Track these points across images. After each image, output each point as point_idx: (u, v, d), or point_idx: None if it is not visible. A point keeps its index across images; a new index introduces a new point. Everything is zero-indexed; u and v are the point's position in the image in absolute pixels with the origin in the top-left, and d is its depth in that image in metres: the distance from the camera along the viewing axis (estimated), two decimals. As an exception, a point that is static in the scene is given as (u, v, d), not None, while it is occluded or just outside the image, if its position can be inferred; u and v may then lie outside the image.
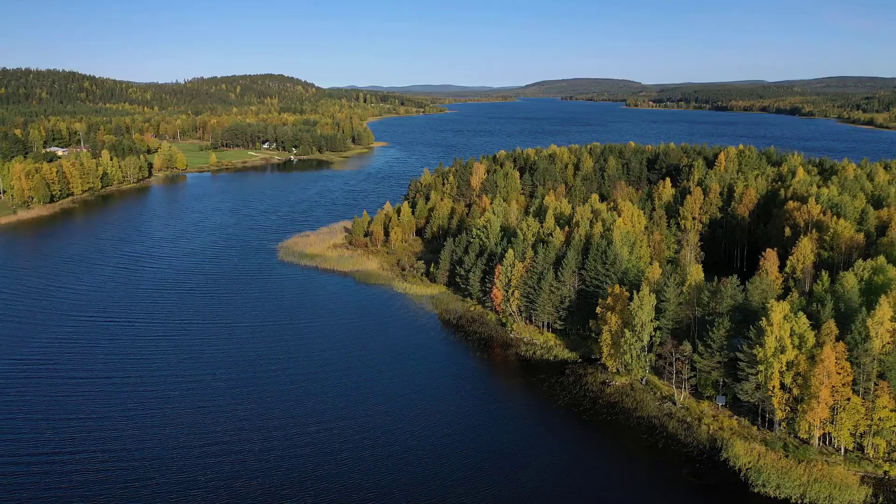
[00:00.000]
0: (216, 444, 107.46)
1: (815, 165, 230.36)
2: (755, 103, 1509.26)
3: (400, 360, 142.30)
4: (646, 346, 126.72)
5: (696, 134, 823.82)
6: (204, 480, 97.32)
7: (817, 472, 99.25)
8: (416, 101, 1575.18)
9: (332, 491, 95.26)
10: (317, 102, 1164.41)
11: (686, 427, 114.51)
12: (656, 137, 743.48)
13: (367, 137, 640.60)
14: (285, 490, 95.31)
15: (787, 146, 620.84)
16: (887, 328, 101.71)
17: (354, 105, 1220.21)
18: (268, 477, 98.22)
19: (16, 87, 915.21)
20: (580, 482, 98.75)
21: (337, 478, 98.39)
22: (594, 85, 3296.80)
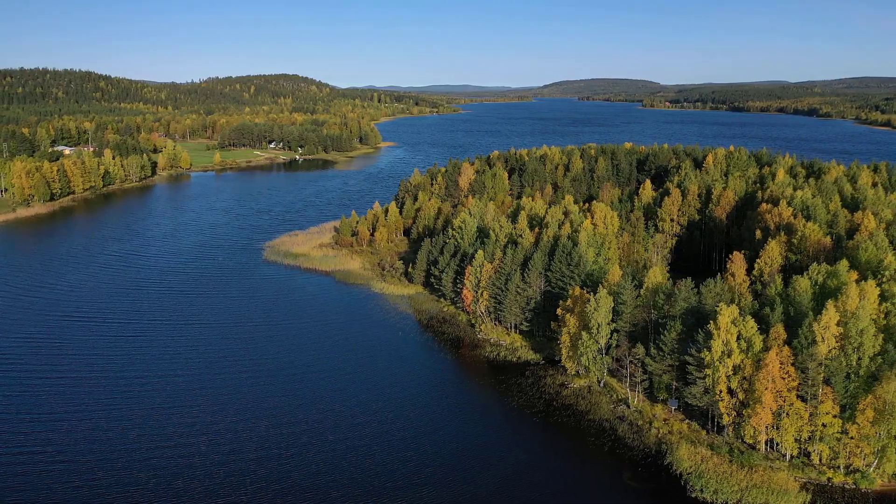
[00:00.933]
0: (164, 443, 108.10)
1: (804, 167, 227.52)
2: (772, 104, 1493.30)
3: (365, 361, 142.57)
4: (603, 348, 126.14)
5: (708, 135, 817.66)
6: (145, 479, 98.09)
7: (758, 477, 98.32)
8: (431, 102, 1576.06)
9: (269, 492, 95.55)
10: (330, 102, 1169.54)
11: (636, 430, 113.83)
12: (666, 138, 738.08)
13: (375, 137, 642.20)
14: (225, 489, 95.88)
15: (797, 148, 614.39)
16: (833, 333, 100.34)
17: (367, 105, 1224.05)
18: (209, 476, 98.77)
19: (32, 86, 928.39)
20: (522, 486, 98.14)
21: (275, 477, 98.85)
22: (612, 85, 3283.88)
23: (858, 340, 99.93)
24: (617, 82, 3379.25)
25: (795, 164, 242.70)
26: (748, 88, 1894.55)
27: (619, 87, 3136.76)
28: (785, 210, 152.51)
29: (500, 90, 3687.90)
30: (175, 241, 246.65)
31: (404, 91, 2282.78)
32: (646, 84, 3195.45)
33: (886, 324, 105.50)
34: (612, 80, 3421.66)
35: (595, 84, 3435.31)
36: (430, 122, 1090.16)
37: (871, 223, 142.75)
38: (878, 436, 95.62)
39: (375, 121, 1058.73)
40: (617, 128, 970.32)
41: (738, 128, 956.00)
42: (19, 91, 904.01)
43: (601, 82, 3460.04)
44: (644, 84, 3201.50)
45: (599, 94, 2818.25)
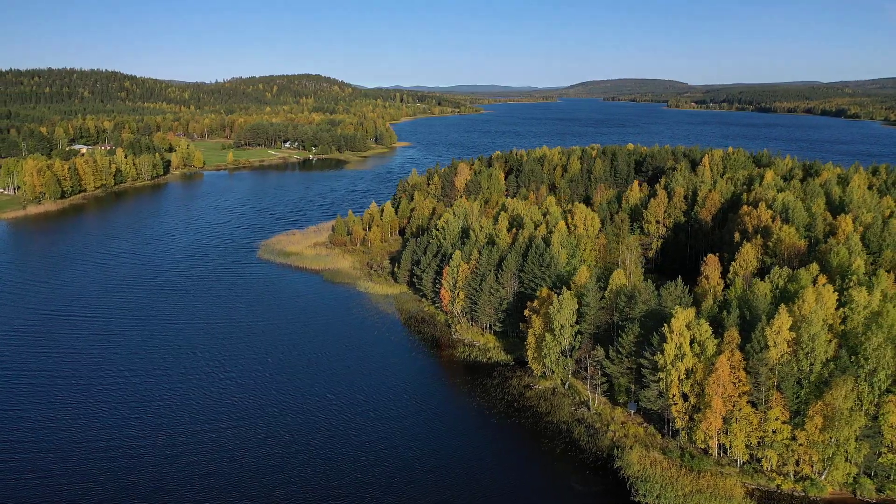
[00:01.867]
0: (116, 437, 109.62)
1: (802, 169, 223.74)
2: (800, 105, 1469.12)
3: (336, 359, 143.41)
4: (566, 349, 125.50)
5: (729, 136, 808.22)
6: (97, 473, 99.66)
7: (704, 482, 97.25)
8: (453, 102, 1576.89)
9: (215, 488, 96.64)
10: (351, 102, 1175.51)
11: (593, 433, 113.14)
12: (685, 139, 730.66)
13: (390, 137, 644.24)
14: (173, 485, 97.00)
15: (818, 150, 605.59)
16: (785, 337, 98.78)
17: (389, 105, 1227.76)
18: (160, 472, 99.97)
19: (59, 86, 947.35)
20: (465, 488, 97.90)
21: (220, 475, 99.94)
22: (639, 85, 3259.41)
23: (810, 346, 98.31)
24: (644, 82, 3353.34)
25: (796, 165, 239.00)
26: (776, 89, 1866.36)
27: (645, 88, 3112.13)
28: (764, 213, 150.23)
29: (526, 90, 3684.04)
30: (172, 240, 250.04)
31: (430, 91, 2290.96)
32: (673, 84, 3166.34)
33: (843, 329, 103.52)
34: (639, 81, 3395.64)
35: (622, 84, 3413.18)
36: (451, 122, 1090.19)
37: (849, 226, 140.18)
38: (826, 443, 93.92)
39: (396, 121, 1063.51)
40: (638, 128, 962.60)
41: (761, 129, 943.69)
42: (46, 91, 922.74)
43: (628, 82, 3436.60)
44: (671, 84, 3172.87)
45: (625, 95, 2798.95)
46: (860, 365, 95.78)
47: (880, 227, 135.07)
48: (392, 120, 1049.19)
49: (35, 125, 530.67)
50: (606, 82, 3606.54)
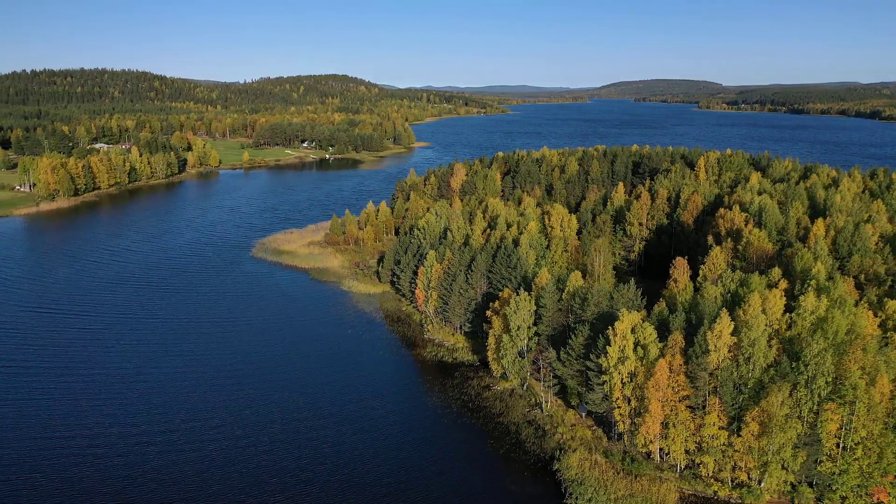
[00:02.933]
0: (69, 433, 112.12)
1: (801, 172, 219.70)
2: (833, 106, 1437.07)
3: (304, 356, 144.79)
4: (524, 350, 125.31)
5: (754, 138, 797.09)
6: (46, 466, 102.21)
7: (639, 487, 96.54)
8: (480, 102, 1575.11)
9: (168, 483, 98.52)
10: (376, 103, 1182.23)
11: (541, 435, 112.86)
12: (709, 141, 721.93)
13: (408, 138, 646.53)
14: (139, 477, 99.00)
15: (845, 153, 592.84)
16: (726, 342, 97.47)
17: (414, 105, 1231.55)
18: (122, 465, 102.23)
19: (91, 86, 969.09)
20: (400, 487, 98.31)
21: (174, 467, 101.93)
22: (672, 86, 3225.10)
23: (749, 351, 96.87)
24: (677, 83, 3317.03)
25: (795, 167, 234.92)
26: (811, 90, 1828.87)
27: (678, 88, 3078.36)
28: (738, 216, 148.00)
29: (557, 91, 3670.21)
30: (171, 238, 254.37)
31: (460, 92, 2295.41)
32: (707, 85, 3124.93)
33: (788, 335, 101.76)
34: (672, 81, 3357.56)
35: (654, 85, 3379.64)
36: (475, 122, 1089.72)
37: (821, 231, 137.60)
38: (762, 450, 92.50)
39: (420, 121, 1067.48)
40: (664, 130, 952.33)
41: (789, 131, 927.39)
42: (78, 90, 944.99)
43: (660, 83, 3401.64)
44: (705, 85, 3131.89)
45: (657, 95, 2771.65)
46: (800, 371, 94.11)
47: (851, 232, 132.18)
48: (416, 120, 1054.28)
49: (58, 124, 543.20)
50: (639, 83, 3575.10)
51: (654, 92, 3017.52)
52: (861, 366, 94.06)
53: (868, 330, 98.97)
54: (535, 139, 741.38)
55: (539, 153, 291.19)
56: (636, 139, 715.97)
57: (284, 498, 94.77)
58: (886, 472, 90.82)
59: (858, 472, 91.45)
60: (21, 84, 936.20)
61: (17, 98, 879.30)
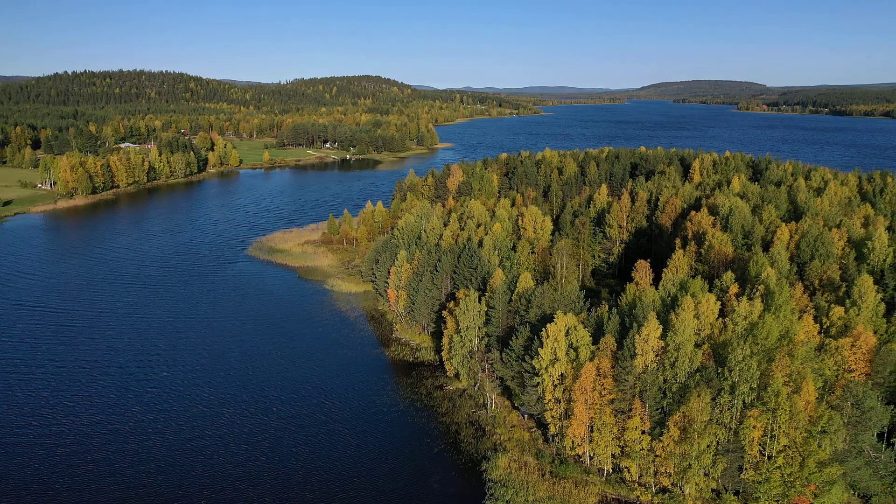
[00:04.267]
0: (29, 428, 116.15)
1: (802, 174, 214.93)
2: (878, 108, 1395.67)
3: (262, 355, 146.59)
4: (474, 351, 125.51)
5: (786, 140, 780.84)
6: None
7: (560, 489, 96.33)
8: (514, 103, 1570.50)
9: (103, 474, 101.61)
10: (408, 104, 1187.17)
11: (480, 435, 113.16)
12: (740, 143, 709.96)
13: (431, 139, 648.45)
14: (88, 467, 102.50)
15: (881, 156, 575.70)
16: (653, 346, 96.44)
17: (445, 106, 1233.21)
18: (73, 457, 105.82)
19: (129, 87, 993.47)
20: (325, 484, 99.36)
21: (110, 460, 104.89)
22: (713, 87, 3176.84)
23: (675, 355, 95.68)
24: (718, 84, 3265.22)
25: (797, 170, 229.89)
26: (855, 91, 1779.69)
27: (720, 89, 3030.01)
28: (705, 219, 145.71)
29: (596, 92, 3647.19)
30: (171, 236, 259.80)
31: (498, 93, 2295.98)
32: (749, 86, 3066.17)
33: (722, 339, 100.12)
34: (713, 82, 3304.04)
35: (695, 86, 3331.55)
36: (505, 124, 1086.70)
37: (785, 235, 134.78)
38: (682, 455, 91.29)
39: (450, 122, 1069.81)
40: (698, 132, 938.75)
41: (826, 133, 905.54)
42: (116, 91, 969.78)
43: (701, 84, 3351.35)
44: (748, 86, 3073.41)
45: (697, 97, 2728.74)
46: (724, 377, 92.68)
47: (814, 237, 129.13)
48: (446, 121, 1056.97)
49: (91, 124, 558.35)
50: (679, 84, 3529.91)
51: (695, 93, 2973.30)
52: (787, 373, 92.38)
53: (801, 336, 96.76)
54: (561, 141, 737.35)
55: (540, 154, 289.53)
56: (664, 141, 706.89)
57: (216, 490, 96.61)
58: (808, 482, 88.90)
59: (780, 480, 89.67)
60: (62, 85, 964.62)
61: (57, 99, 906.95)
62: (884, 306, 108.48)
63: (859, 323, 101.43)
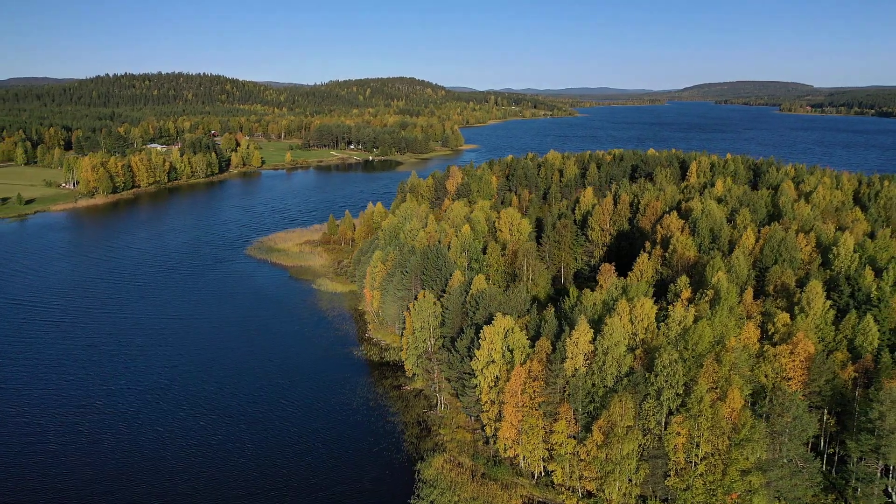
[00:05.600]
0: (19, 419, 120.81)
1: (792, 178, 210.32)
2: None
3: (238, 351, 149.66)
4: (429, 351, 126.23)
5: (825, 143, 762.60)
6: None
7: (485, 490, 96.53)
8: (549, 105, 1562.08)
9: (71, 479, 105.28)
10: (441, 105, 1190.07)
11: (424, 436, 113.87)
12: (773, 146, 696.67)
13: (456, 140, 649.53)
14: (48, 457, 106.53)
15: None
16: (583, 350, 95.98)
17: (478, 108, 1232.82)
18: None
19: (167, 89, 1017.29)
20: (259, 481, 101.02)
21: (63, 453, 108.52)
22: (757, 88, 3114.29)
23: (602, 359, 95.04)
24: (764, 85, 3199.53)
25: (801, 172, 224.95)
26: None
27: (765, 90, 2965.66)
28: (675, 222, 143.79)
29: (637, 93, 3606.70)
30: (174, 236, 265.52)
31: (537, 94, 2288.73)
32: (795, 87, 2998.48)
33: (655, 343, 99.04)
34: (758, 83, 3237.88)
35: (738, 87, 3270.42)
36: (537, 125, 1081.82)
37: (751, 240, 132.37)
38: (604, 460, 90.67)
39: (482, 123, 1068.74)
40: (734, 134, 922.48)
41: (867, 135, 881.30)
42: (155, 93, 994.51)
43: (745, 85, 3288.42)
44: (794, 87, 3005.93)
45: (740, 98, 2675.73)
46: (651, 382, 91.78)
47: (778, 242, 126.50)
48: (477, 123, 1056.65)
49: (124, 125, 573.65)
50: (722, 84, 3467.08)
51: (739, 94, 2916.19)
52: (714, 379, 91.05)
53: (732, 342, 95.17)
54: (588, 142, 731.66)
55: (545, 157, 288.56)
56: (694, 143, 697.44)
57: (150, 486, 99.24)
58: (730, 490, 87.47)
59: (703, 488, 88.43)
60: (103, 87, 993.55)
61: (98, 101, 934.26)
62: (833, 313, 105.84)
63: (799, 330, 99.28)
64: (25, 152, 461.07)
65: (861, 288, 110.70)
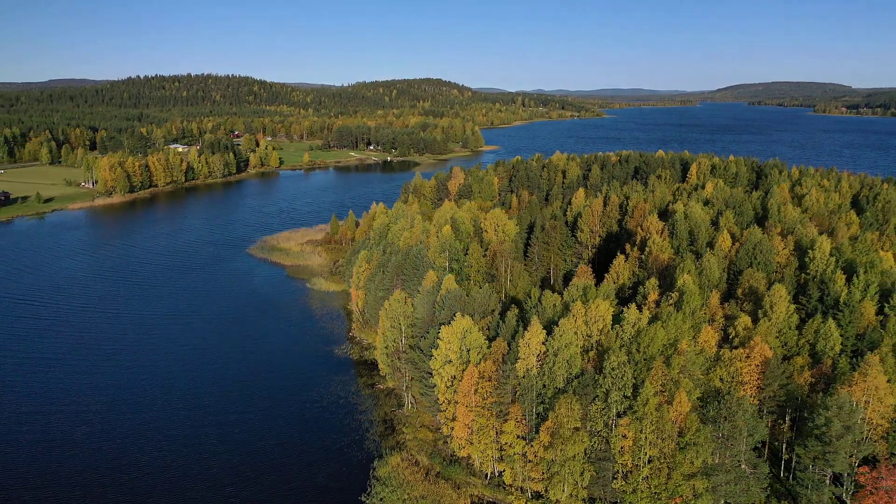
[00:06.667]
0: None
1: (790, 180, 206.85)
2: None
3: (219, 348, 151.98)
4: (399, 350, 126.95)
5: (855, 145, 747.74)
6: None
7: (434, 489, 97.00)
8: (577, 106, 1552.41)
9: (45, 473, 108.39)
10: (466, 106, 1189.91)
11: (388, 434, 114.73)
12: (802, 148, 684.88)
13: (476, 141, 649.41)
14: None
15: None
16: (534, 350, 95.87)
17: (504, 109, 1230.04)
18: None
19: (196, 90, 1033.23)
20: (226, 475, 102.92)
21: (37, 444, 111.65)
22: (793, 89, 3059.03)
23: (553, 360, 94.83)
24: (800, 86, 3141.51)
25: (806, 175, 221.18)
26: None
27: (800, 91, 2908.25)
28: (654, 224, 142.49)
29: (669, 94, 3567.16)
30: (179, 235, 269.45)
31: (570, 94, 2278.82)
32: (832, 87, 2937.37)
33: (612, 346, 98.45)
34: (793, 84, 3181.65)
35: (774, 88, 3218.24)
36: (561, 126, 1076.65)
37: (727, 242, 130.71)
38: (550, 461, 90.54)
39: (507, 125, 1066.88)
40: (762, 136, 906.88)
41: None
42: (184, 94, 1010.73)
43: (781, 86, 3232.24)
44: (830, 88, 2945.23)
45: (775, 99, 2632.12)
46: (599, 384, 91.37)
47: (753, 245, 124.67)
48: (502, 124, 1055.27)
49: (147, 125, 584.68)
50: (757, 85, 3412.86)
51: (774, 95, 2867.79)
52: (662, 382, 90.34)
53: (684, 345, 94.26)
54: (611, 144, 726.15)
55: (550, 158, 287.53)
56: (718, 145, 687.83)
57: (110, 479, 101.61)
58: (674, 494, 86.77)
59: (648, 492, 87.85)
60: (134, 89, 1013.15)
61: (129, 102, 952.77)
62: (796, 318, 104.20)
63: (757, 334, 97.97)
64: (50, 152, 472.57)
65: (829, 292, 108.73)
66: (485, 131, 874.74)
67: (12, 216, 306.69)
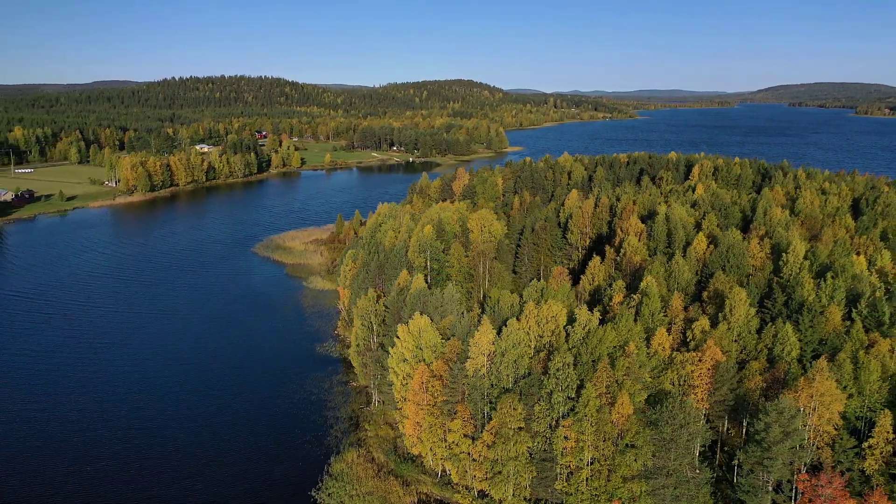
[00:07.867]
0: None
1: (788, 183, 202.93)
2: None
3: (205, 344, 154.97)
4: (370, 349, 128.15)
5: (891, 147, 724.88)
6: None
7: (382, 486, 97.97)
8: (609, 107, 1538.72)
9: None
10: (497, 107, 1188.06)
11: (351, 430, 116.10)
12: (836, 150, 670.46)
13: (500, 142, 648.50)
14: None
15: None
16: (483, 350, 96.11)
17: (535, 110, 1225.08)
18: None
19: (228, 91, 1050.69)
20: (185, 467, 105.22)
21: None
22: (836, 89, 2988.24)
23: (500, 360, 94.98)
24: (843, 86, 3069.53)
25: (816, 174, 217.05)
26: None
27: (842, 92, 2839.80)
28: (634, 226, 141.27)
29: (708, 95, 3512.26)
30: (188, 234, 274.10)
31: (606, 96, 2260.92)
32: (877, 88, 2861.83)
33: (557, 346, 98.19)
34: (836, 84, 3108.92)
35: (815, 88, 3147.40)
36: (591, 128, 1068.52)
37: (703, 244, 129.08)
38: (493, 461, 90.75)
39: (536, 126, 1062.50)
40: (798, 138, 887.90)
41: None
42: (217, 95, 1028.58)
43: (823, 86, 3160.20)
44: (875, 88, 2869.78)
45: (816, 100, 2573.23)
46: (544, 385, 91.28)
47: (726, 247, 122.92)
48: (531, 125, 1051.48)
49: (178, 126, 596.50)
50: (799, 86, 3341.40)
51: (815, 96, 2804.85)
52: (606, 383, 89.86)
53: (632, 347, 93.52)
54: (639, 145, 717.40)
55: (558, 159, 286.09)
56: (749, 147, 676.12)
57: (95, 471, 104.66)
58: (613, 496, 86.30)
59: (588, 493, 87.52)
60: (169, 90, 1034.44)
61: (164, 103, 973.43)
62: (757, 321, 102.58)
63: (711, 337, 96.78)
64: (79, 152, 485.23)
65: (794, 297, 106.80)
66: (513, 132, 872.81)
67: (34, 213, 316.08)
